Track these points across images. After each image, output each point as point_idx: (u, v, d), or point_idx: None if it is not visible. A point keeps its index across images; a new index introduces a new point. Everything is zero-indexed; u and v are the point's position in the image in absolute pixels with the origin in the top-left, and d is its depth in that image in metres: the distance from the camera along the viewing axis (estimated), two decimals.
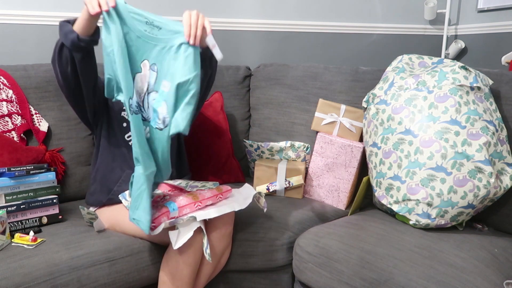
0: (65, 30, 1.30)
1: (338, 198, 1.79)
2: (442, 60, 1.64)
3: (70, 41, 1.29)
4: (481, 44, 2.58)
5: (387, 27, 2.62)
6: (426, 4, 2.56)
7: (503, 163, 1.45)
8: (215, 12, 2.27)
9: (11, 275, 1.14)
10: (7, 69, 1.71)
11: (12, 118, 1.65)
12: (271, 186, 1.82)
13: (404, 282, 1.19)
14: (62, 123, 1.76)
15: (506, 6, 2.40)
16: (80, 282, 1.23)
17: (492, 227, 1.56)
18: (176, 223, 1.26)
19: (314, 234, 1.45)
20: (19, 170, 1.42)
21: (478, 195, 1.41)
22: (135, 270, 1.34)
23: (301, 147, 1.88)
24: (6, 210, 1.37)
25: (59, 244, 1.30)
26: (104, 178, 1.52)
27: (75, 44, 1.30)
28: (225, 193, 1.45)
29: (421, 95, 1.50)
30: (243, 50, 2.38)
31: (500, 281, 1.17)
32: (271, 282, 1.53)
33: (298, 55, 2.49)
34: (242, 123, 2.15)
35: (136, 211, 1.26)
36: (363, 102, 1.72)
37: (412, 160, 1.47)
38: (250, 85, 2.20)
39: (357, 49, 2.61)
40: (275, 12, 2.39)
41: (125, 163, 1.52)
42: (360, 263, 1.29)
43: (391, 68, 1.70)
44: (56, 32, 1.35)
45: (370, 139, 1.64)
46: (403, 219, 1.54)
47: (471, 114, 1.43)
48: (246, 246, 1.49)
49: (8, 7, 1.89)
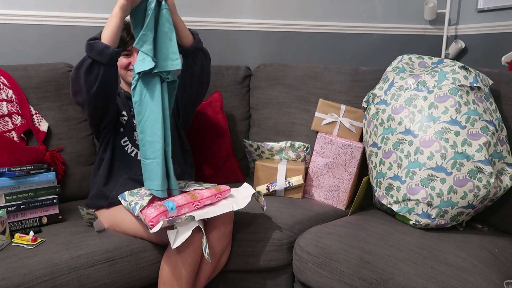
0: (99, 48, 1.32)
1: (338, 198, 1.78)
2: (442, 60, 1.64)
3: (109, 56, 1.32)
4: (481, 44, 2.58)
5: (387, 27, 2.62)
6: (426, 4, 2.56)
7: (503, 163, 1.45)
8: (215, 12, 2.27)
9: (11, 275, 1.14)
10: (7, 69, 1.71)
11: (12, 118, 1.65)
12: (271, 186, 1.82)
13: (404, 282, 1.19)
14: (62, 123, 1.76)
15: (506, 6, 2.40)
16: (80, 282, 1.23)
17: (492, 227, 1.56)
18: (174, 222, 1.26)
19: (314, 234, 1.45)
20: (19, 170, 1.42)
21: (478, 195, 1.41)
22: (135, 270, 1.34)
23: (301, 147, 1.88)
24: (6, 210, 1.37)
25: (59, 244, 1.30)
26: (102, 184, 1.53)
27: (113, 57, 1.34)
28: (224, 193, 1.45)
29: (421, 95, 1.50)
30: (243, 50, 2.38)
31: (500, 281, 1.17)
32: (271, 282, 1.53)
33: (298, 55, 2.49)
34: (242, 123, 2.15)
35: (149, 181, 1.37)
36: (363, 102, 1.72)
37: (412, 160, 1.47)
38: (250, 85, 2.20)
39: (357, 49, 2.61)
40: (275, 12, 2.39)
41: (122, 169, 1.53)
42: (360, 263, 1.29)
43: (391, 68, 1.70)
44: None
45: (370, 139, 1.64)
46: (403, 219, 1.54)
47: (471, 114, 1.43)
48: (246, 246, 1.49)
49: (8, 7, 1.89)
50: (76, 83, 1.38)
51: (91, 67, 1.33)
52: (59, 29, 1.98)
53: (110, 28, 1.34)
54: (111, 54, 1.33)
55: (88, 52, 1.33)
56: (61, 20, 1.98)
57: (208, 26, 2.25)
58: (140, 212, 1.31)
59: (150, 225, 1.26)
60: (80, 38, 2.02)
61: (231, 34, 2.33)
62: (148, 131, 1.36)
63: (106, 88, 1.39)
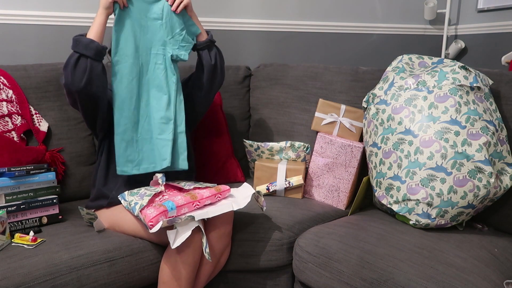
0: (84, 42, 1.36)
1: (338, 198, 1.79)
2: (442, 60, 1.64)
3: (94, 50, 1.36)
4: (481, 44, 2.58)
5: (387, 27, 2.62)
6: (426, 4, 2.56)
7: (503, 163, 1.45)
8: (215, 12, 2.27)
9: (11, 275, 1.14)
10: (7, 69, 1.71)
11: (12, 118, 1.65)
12: (271, 186, 1.82)
13: (404, 282, 1.19)
14: (62, 123, 1.76)
15: (506, 6, 2.40)
16: (80, 282, 1.23)
17: (492, 227, 1.56)
18: (174, 222, 1.26)
19: (314, 234, 1.45)
20: (19, 170, 1.42)
21: (478, 195, 1.41)
22: (135, 270, 1.34)
23: (301, 147, 1.88)
24: (6, 210, 1.37)
25: (59, 244, 1.30)
26: (101, 184, 1.53)
27: (99, 51, 1.37)
28: (223, 193, 1.45)
29: (421, 95, 1.50)
30: (243, 50, 2.38)
31: (500, 281, 1.17)
32: (271, 282, 1.53)
33: (298, 55, 2.49)
34: (242, 123, 2.15)
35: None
36: (363, 102, 1.72)
37: (412, 160, 1.47)
38: (250, 85, 2.20)
39: (357, 49, 2.61)
40: (275, 12, 2.39)
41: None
42: (360, 263, 1.29)
43: (391, 68, 1.70)
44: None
45: (370, 139, 1.65)
46: (403, 219, 1.54)
47: (471, 114, 1.43)
48: (246, 246, 1.49)
49: (8, 7, 1.89)
50: (66, 82, 1.38)
51: (77, 61, 1.35)
52: (59, 29, 1.98)
53: (95, 26, 1.41)
54: (96, 47, 1.37)
55: (74, 47, 1.37)
56: (61, 20, 1.98)
57: (208, 26, 2.25)
58: (140, 212, 1.31)
59: (150, 225, 1.26)
60: None
61: (231, 34, 2.33)
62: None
63: (94, 82, 1.38)
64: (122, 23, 1.45)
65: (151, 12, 1.50)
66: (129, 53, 1.46)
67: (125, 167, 1.46)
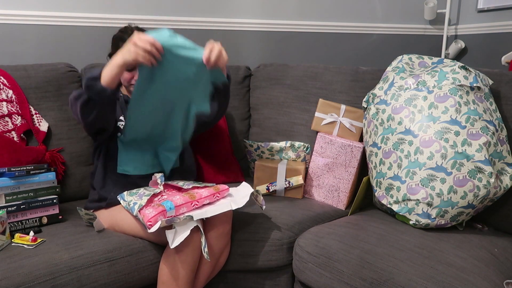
0: (96, 89, 1.30)
1: (338, 198, 1.78)
2: (442, 60, 1.64)
3: (106, 98, 1.32)
4: (481, 44, 2.58)
5: (387, 27, 2.62)
6: (426, 4, 2.56)
7: (503, 163, 1.45)
8: (215, 12, 2.27)
9: (11, 275, 1.14)
10: (7, 69, 1.71)
11: (12, 118, 1.65)
12: (271, 186, 1.82)
13: (404, 282, 1.19)
14: (62, 123, 1.76)
15: (506, 6, 2.40)
16: (80, 282, 1.23)
17: (492, 227, 1.56)
18: (172, 222, 1.26)
19: (314, 234, 1.45)
20: (19, 170, 1.42)
21: (478, 195, 1.41)
22: (135, 270, 1.34)
23: (301, 147, 1.88)
24: (6, 210, 1.37)
25: (59, 244, 1.31)
26: (99, 187, 1.53)
27: (111, 98, 1.34)
28: (222, 192, 1.45)
29: (421, 95, 1.50)
30: (243, 50, 2.38)
31: (500, 281, 1.17)
32: (271, 282, 1.53)
33: (298, 55, 2.50)
34: (242, 123, 2.15)
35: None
36: (363, 102, 1.72)
37: (412, 160, 1.47)
38: (250, 85, 2.20)
39: (357, 49, 2.61)
40: (275, 12, 2.39)
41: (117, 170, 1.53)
42: (360, 263, 1.29)
43: (391, 68, 1.70)
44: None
45: (370, 139, 1.64)
46: (403, 219, 1.54)
47: (471, 114, 1.43)
48: (246, 246, 1.49)
49: (7, 7, 1.89)
50: (73, 110, 1.41)
51: (87, 103, 1.33)
52: (59, 29, 1.98)
53: (111, 75, 1.30)
54: (109, 96, 1.32)
55: (86, 90, 1.31)
56: (61, 20, 1.98)
57: (208, 26, 2.26)
58: (139, 212, 1.31)
59: (148, 225, 1.26)
60: (80, 38, 2.03)
61: (231, 34, 2.33)
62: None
63: (102, 120, 1.41)
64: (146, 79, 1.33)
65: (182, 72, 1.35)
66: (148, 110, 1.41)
67: (127, 166, 1.47)
